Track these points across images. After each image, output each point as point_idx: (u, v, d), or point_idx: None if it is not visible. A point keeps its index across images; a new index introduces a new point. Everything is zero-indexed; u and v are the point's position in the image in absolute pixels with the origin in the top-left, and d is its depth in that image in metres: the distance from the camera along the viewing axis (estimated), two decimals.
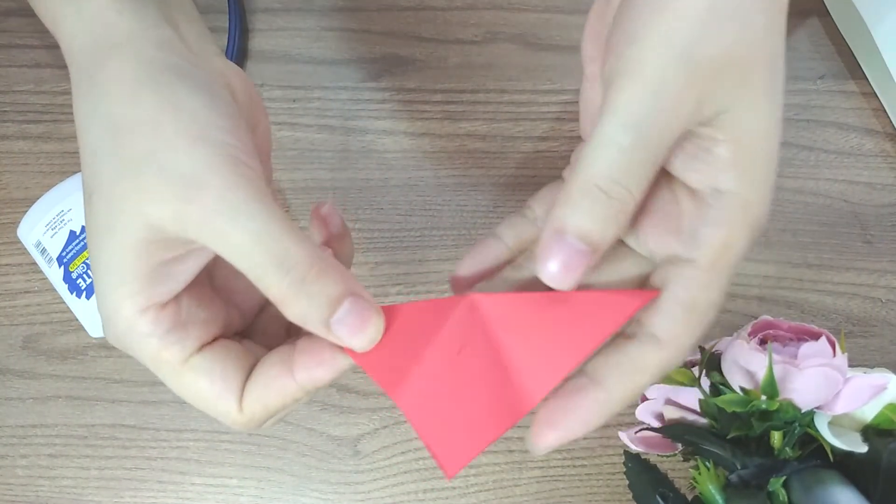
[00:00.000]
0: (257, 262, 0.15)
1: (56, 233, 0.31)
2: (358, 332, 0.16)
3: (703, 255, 0.16)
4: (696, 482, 0.27)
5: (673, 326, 0.16)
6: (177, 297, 0.17)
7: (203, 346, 0.17)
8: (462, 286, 0.20)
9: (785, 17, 0.16)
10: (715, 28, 0.15)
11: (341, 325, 0.16)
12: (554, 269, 0.16)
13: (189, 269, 0.17)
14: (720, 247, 0.16)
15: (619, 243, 0.18)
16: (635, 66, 0.15)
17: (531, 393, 0.16)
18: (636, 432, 0.28)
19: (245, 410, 0.17)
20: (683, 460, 0.29)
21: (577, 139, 0.16)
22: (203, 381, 0.17)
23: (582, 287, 0.16)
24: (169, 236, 0.16)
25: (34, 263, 0.33)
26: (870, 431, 0.26)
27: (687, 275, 0.16)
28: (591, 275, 0.17)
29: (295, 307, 0.16)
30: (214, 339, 0.18)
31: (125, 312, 0.16)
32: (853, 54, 0.36)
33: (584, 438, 0.32)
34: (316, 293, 0.16)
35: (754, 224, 0.16)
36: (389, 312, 0.17)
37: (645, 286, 0.17)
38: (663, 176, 0.17)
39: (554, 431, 0.16)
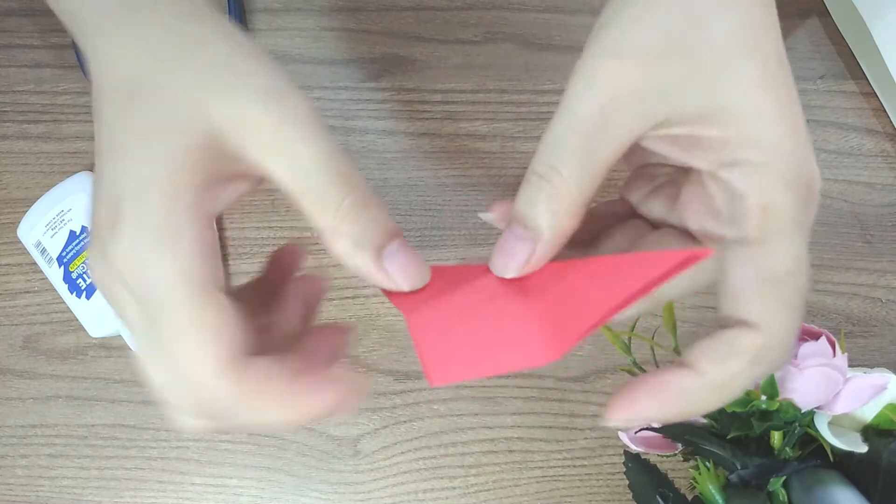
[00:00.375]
0: (323, 179, 0.15)
1: (56, 233, 0.31)
2: (408, 269, 0.16)
3: (748, 227, 0.15)
4: (696, 482, 0.27)
5: (757, 307, 0.15)
6: (213, 226, 0.15)
7: (225, 290, 0.15)
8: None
9: (766, 7, 0.16)
10: (654, 21, 0.15)
11: (392, 260, 0.16)
12: (496, 256, 0.16)
13: (229, 198, 0.16)
14: (759, 214, 0.15)
15: (678, 234, 0.18)
16: (575, 67, 0.16)
17: (558, 341, 0.15)
18: (636, 432, 0.28)
19: (243, 383, 0.15)
20: (683, 460, 0.29)
21: None
22: (220, 311, 0.15)
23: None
24: (225, 148, 0.15)
25: (34, 263, 0.33)
26: (870, 431, 0.26)
27: (743, 254, 0.15)
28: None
29: (351, 230, 0.15)
30: None
31: (169, 219, 0.14)
32: (853, 54, 0.36)
33: (584, 439, 0.32)
34: (373, 219, 0.15)
35: (788, 180, 0.15)
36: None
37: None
38: (686, 169, 0.17)
39: (628, 407, 0.15)
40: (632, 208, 0.20)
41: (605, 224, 0.20)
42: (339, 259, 0.16)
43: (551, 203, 0.16)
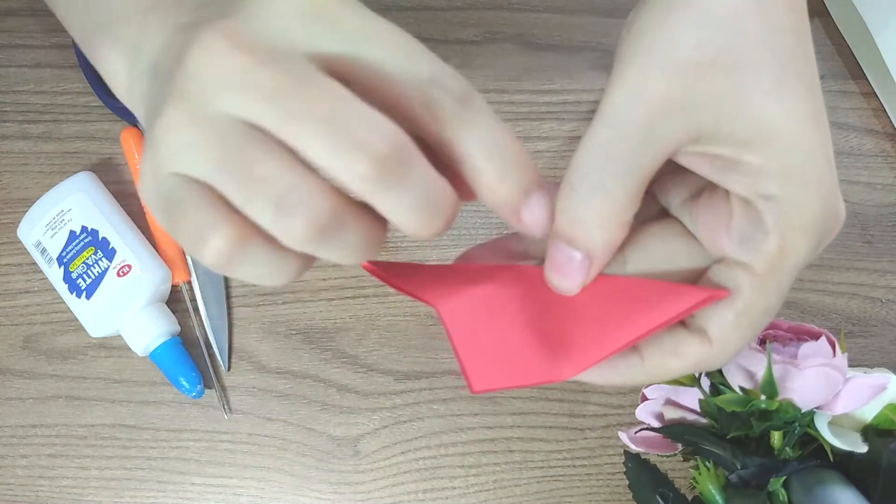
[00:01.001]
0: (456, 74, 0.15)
1: (56, 233, 0.31)
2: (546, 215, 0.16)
3: (757, 261, 0.16)
4: (696, 482, 0.27)
5: (721, 328, 0.16)
6: None
7: None
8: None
9: (797, 13, 0.16)
10: (702, 34, 0.15)
11: (538, 200, 0.16)
12: (551, 275, 0.16)
13: None
14: (775, 253, 0.15)
15: (683, 231, 0.18)
16: (620, 72, 0.15)
17: (574, 362, 0.16)
18: (636, 432, 0.28)
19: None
20: (683, 460, 0.29)
21: (577, 139, 0.17)
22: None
23: (640, 276, 0.17)
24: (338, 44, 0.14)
25: (34, 263, 0.33)
26: (870, 431, 0.26)
27: (741, 279, 0.16)
28: (646, 259, 0.17)
29: (491, 144, 0.15)
30: None
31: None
32: (853, 54, 0.36)
33: (584, 439, 0.32)
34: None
35: (813, 227, 0.15)
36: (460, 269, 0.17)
37: (700, 281, 0.17)
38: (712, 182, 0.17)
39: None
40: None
41: None
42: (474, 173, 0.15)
43: (604, 220, 0.16)
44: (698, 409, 0.27)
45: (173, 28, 0.16)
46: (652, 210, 0.19)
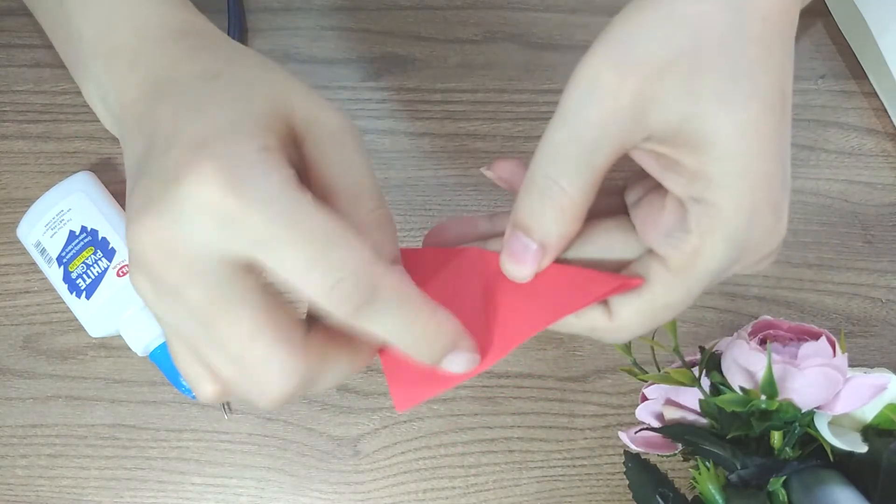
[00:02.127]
0: (368, 184, 0.17)
1: (55, 233, 0.31)
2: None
3: (672, 257, 0.16)
4: (696, 482, 0.27)
5: (624, 310, 0.17)
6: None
7: None
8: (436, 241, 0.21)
9: (772, 24, 0.16)
10: (664, 35, 0.15)
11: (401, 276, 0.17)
12: (507, 262, 0.17)
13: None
14: (689, 253, 0.16)
15: (627, 227, 0.19)
16: (578, 69, 0.16)
17: (489, 355, 0.17)
18: (636, 432, 0.28)
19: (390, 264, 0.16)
20: (683, 460, 0.29)
21: None
22: (340, 220, 0.15)
23: (574, 263, 0.18)
24: (291, 133, 0.16)
25: (34, 263, 0.33)
26: (870, 431, 0.26)
27: (654, 272, 0.17)
28: (585, 248, 0.19)
29: (376, 234, 0.17)
30: None
31: (258, 140, 0.14)
32: (854, 54, 0.36)
33: (584, 439, 0.32)
34: (392, 236, 0.17)
35: (733, 238, 0.16)
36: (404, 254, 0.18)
37: (623, 270, 0.18)
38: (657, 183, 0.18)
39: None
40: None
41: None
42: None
43: (557, 213, 0.16)
44: (698, 409, 0.26)
45: (130, 107, 0.17)
46: (615, 205, 0.20)
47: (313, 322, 0.16)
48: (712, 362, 0.26)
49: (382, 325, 0.15)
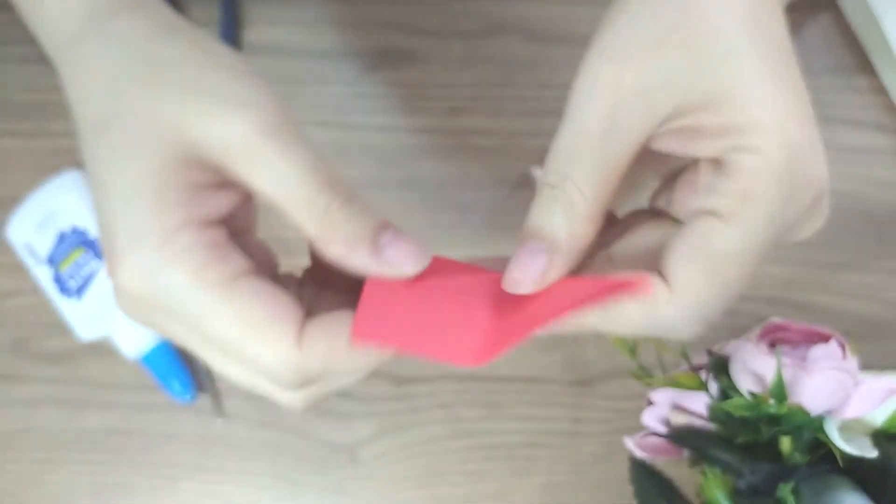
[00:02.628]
0: (304, 190, 0.15)
1: (45, 233, 0.31)
2: (408, 252, 0.16)
3: (719, 204, 0.15)
4: (704, 489, 0.26)
5: (680, 269, 0.15)
6: (215, 226, 0.16)
7: (251, 274, 0.16)
8: None
9: (770, 2, 0.16)
10: (649, 17, 0.15)
11: (390, 248, 0.16)
12: (510, 270, 0.16)
13: (221, 206, 0.16)
14: (738, 195, 0.15)
15: (671, 222, 0.18)
16: (580, 67, 0.16)
17: (486, 351, 0.16)
18: (642, 438, 0.28)
19: (304, 346, 0.15)
20: (690, 466, 0.29)
21: None
22: (256, 301, 0.15)
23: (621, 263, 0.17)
24: (206, 159, 0.15)
25: (23, 264, 0.32)
26: (880, 436, 0.26)
27: (701, 221, 0.15)
28: (628, 245, 0.17)
29: (342, 233, 0.15)
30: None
31: (162, 226, 0.14)
32: (864, 50, 0.35)
33: (589, 444, 0.32)
34: (361, 216, 0.16)
35: (779, 171, 0.15)
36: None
37: (670, 239, 0.16)
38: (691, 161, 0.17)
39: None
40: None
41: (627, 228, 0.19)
42: (337, 263, 0.16)
43: (566, 211, 0.16)
44: (705, 414, 0.26)
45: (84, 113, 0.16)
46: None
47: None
48: (720, 366, 0.26)
49: (331, 387, 0.16)
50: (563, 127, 0.16)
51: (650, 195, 0.20)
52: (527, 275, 0.16)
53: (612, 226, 0.19)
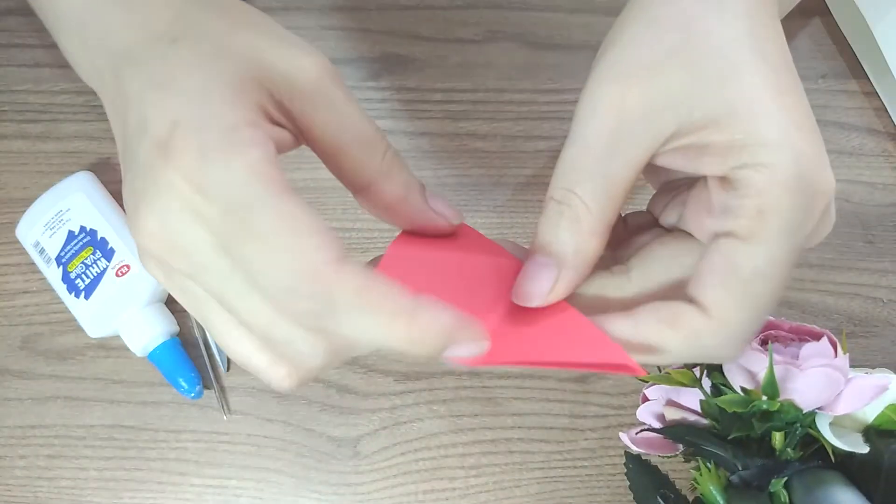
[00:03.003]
0: (369, 131, 0.16)
1: (54, 233, 0.31)
2: (449, 205, 0.17)
3: (739, 225, 0.15)
4: (698, 483, 0.27)
5: (714, 294, 0.15)
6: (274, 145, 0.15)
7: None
8: None
9: (750, 3, 0.16)
10: (652, 38, 0.16)
11: (435, 199, 0.17)
12: (518, 284, 0.16)
13: (277, 137, 0.15)
14: (755, 214, 0.15)
15: (685, 237, 0.18)
16: (586, 86, 0.16)
17: (484, 356, 0.15)
18: (637, 433, 0.28)
19: (344, 270, 0.13)
20: (684, 461, 0.29)
21: None
22: (308, 210, 0.14)
23: (641, 281, 0.16)
24: (273, 91, 0.15)
25: (32, 263, 0.33)
26: (871, 432, 0.26)
27: (724, 244, 0.15)
28: (649, 266, 0.17)
29: (400, 174, 0.16)
30: None
31: (234, 116, 0.14)
32: (854, 53, 0.36)
33: (585, 440, 0.32)
34: (409, 169, 0.17)
35: (792, 184, 0.15)
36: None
37: (694, 271, 0.16)
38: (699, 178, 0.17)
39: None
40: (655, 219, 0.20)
41: (632, 233, 0.19)
42: (388, 203, 0.17)
43: (572, 226, 0.16)
44: (699, 410, 0.26)
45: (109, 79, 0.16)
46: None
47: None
48: (713, 363, 0.26)
49: (353, 331, 0.14)
50: (568, 144, 0.16)
51: (649, 200, 0.20)
52: (536, 288, 0.16)
53: (620, 229, 0.19)
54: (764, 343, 0.25)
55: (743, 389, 0.25)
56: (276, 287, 0.13)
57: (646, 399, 0.28)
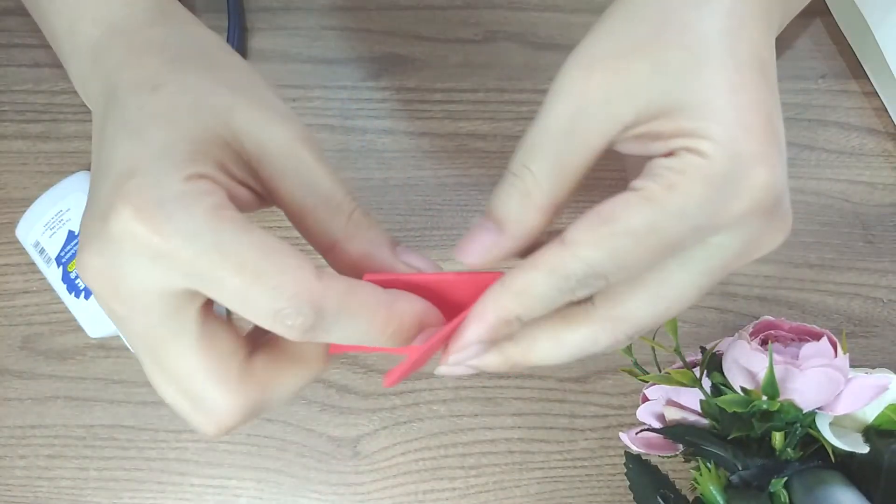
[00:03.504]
0: (335, 193, 0.17)
1: (54, 233, 0.31)
2: (420, 258, 0.18)
3: (647, 186, 0.15)
4: (698, 483, 0.27)
5: (578, 228, 0.15)
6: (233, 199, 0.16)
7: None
8: None
9: (753, 20, 0.16)
10: (624, 28, 0.16)
11: (405, 253, 0.18)
12: (461, 243, 0.17)
13: (240, 196, 0.16)
14: (665, 186, 0.15)
15: None
16: (553, 79, 0.17)
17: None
18: (637, 433, 0.28)
19: (324, 278, 0.15)
20: (684, 461, 0.29)
21: None
22: (274, 239, 0.14)
23: None
24: (241, 153, 0.16)
25: (32, 263, 0.33)
26: (871, 432, 0.26)
27: (618, 196, 0.16)
28: None
29: (367, 233, 0.17)
30: None
31: (191, 170, 0.14)
32: (855, 54, 0.36)
33: (585, 440, 0.32)
34: (378, 227, 0.18)
35: (713, 182, 0.15)
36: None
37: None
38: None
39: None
40: None
41: None
42: (352, 261, 0.17)
43: (521, 199, 0.16)
44: (699, 410, 0.26)
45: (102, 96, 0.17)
46: None
47: (260, 336, 0.17)
48: (713, 363, 0.26)
49: (339, 335, 0.15)
50: (532, 123, 0.17)
51: None
52: (475, 248, 0.17)
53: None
54: (764, 343, 0.26)
55: (743, 389, 0.25)
56: (266, 310, 0.14)
57: (646, 399, 0.28)
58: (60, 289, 0.31)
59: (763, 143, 0.15)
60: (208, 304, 0.16)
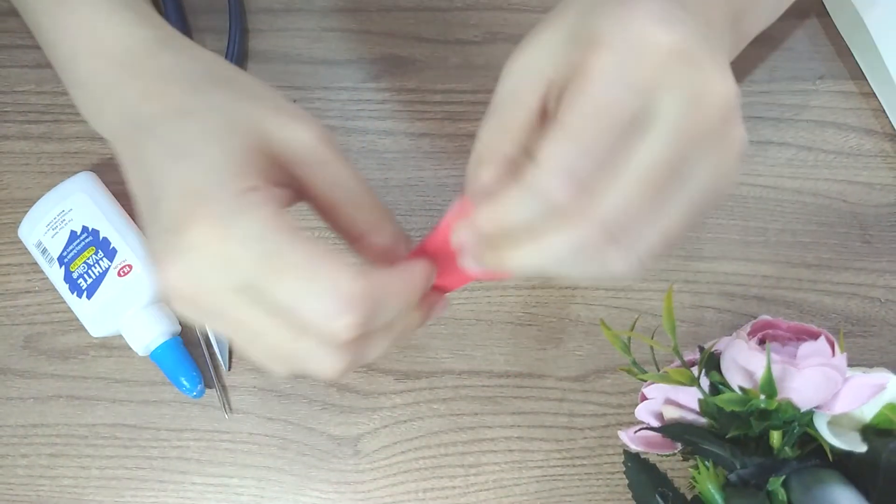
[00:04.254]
0: (362, 191, 0.19)
1: (57, 233, 0.31)
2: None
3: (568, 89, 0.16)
4: (696, 482, 0.27)
5: (542, 145, 0.16)
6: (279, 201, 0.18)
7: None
8: None
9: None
10: (552, 16, 0.18)
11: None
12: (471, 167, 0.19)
13: (279, 197, 0.18)
14: (580, 78, 0.16)
15: None
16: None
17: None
18: (636, 432, 0.28)
19: (367, 275, 0.16)
20: (683, 460, 0.29)
21: None
22: (320, 243, 0.17)
23: None
24: (277, 156, 0.18)
25: (35, 263, 0.33)
26: (869, 431, 0.26)
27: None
28: None
29: (389, 226, 0.20)
30: None
31: (241, 184, 0.16)
32: (852, 55, 0.36)
33: (584, 438, 0.32)
34: (395, 220, 0.21)
35: (604, 38, 0.16)
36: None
37: None
38: None
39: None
40: None
41: None
42: (379, 253, 0.20)
43: (477, 159, 0.18)
44: (697, 409, 0.27)
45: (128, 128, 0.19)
46: None
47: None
48: (711, 362, 0.26)
49: (400, 321, 0.18)
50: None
51: None
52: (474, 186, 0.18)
53: None
54: (762, 342, 0.26)
55: (741, 388, 0.25)
56: (321, 310, 0.16)
57: (644, 398, 0.28)
58: (62, 288, 0.32)
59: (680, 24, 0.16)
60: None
